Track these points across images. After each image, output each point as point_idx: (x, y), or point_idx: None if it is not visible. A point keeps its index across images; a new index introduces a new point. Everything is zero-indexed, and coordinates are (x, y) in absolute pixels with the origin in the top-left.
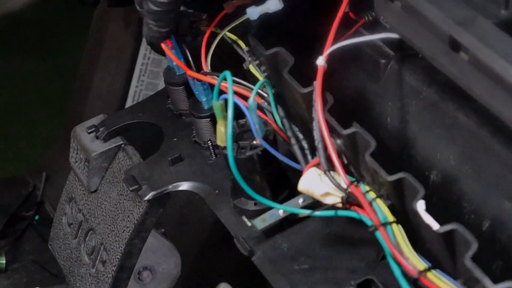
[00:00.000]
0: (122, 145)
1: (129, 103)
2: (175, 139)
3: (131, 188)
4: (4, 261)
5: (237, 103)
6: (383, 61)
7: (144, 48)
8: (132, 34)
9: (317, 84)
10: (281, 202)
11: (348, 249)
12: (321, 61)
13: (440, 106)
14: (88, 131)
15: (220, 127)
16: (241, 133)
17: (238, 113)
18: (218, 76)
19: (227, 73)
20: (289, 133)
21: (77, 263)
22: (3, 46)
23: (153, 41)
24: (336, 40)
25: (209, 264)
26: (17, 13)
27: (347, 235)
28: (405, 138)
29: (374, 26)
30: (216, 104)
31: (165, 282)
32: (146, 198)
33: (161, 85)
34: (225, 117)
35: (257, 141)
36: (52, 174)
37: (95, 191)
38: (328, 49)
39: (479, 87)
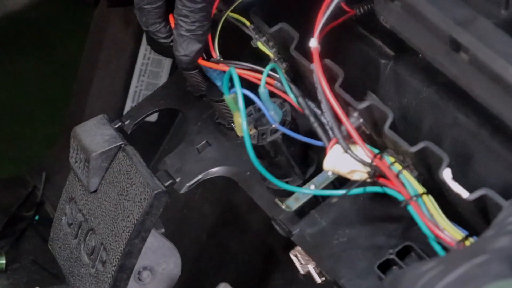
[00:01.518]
0: (122, 145)
1: (129, 103)
2: (199, 123)
3: (166, 184)
4: (4, 261)
5: (247, 94)
6: (383, 61)
7: (144, 48)
8: (132, 34)
9: (316, 66)
10: (310, 177)
11: (383, 216)
12: (314, 43)
13: (440, 106)
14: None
15: (237, 119)
16: (260, 117)
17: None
18: (229, 64)
19: (232, 70)
20: (307, 111)
21: (77, 263)
22: (3, 46)
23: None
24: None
25: (209, 264)
26: (17, 13)
27: (381, 203)
28: (404, 138)
29: (366, 19)
30: (228, 98)
31: (165, 282)
32: (182, 191)
33: None
34: (239, 109)
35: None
36: (52, 174)
37: (95, 191)
38: (318, 29)
39: (479, 87)
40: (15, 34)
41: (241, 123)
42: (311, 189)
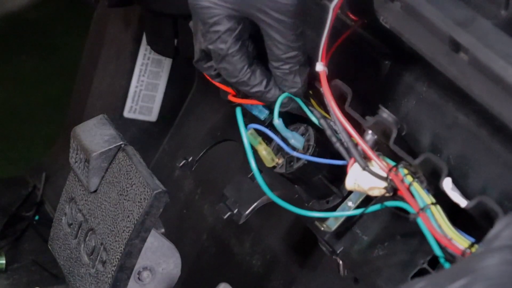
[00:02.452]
0: (122, 145)
1: (129, 103)
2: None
3: (225, 217)
4: (4, 261)
5: (261, 129)
6: (383, 61)
7: (144, 48)
8: (132, 34)
9: (325, 90)
10: (350, 192)
11: (415, 227)
12: (320, 67)
13: (440, 106)
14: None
15: (261, 152)
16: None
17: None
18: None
19: (237, 110)
20: (329, 132)
21: (77, 263)
22: (3, 46)
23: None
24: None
25: (209, 264)
26: (17, 13)
27: None
28: (412, 145)
29: (371, 27)
30: (247, 134)
31: (165, 282)
32: (241, 222)
33: (161, 85)
34: (260, 143)
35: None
36: (52, 174)
37: (95, 191)
38: (324, 54)
39: (479, 88)
40: (15, 34)
41: (266, 155)
42: (348, 205)
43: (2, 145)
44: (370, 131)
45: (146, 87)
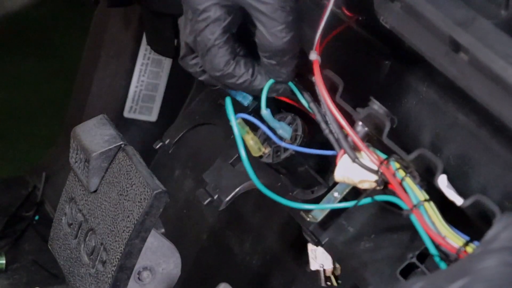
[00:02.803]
0: (122, 145)
1: (129, 103)
2: (232, 136)
3: (205, 202)
4: (4, 261)
5: (249, 119)
6: (383, 61)
7: (144, 48)
8: (132, 34)
9: (317, 79)
10: (335, 184)
11: (404, 221)
12: (313, 56)
13: (440, 106)
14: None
15: (248, 141)
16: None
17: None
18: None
19: (227, 100)
20: (318, 117)
21: (77, 263)
22: (3, 46)
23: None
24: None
25: (209, 264)
26: (17, 13)
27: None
28: (406, 141)
29: (368, 24)
30: (237, 124)
31: (165, 282)
32: (221, 208)
33: (161, 85)
34: (248, 132)
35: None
36: (52, 174)
37: (95, 191)
38: (319, 43)
39: (479, 88)
40: (15, 34)
41: (253, 145)
42: (334, 196)
43: (2, 145)
44: (360, 123)
45: (146, 87)
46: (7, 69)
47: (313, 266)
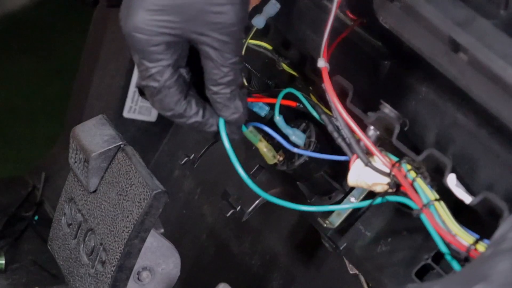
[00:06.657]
0: (122, 145)
1: (128, 103)
2: (253, 147)
3: (227, 214)
4: (3, 261)
5: (260, 126)
6: (383, 61)
7: None
8: None
9: (327, 86)
10: (352, 189)
11: (420, 223)
12: (322, 63)
13: (440, 106)
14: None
15: (261, 150)
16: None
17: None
18: (258, 94)
19: (220, 121)
20: (330, 128)
21: (77, 263)
22: (3, 46)
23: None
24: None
25: (208, 264)
26: (17, 13)
27: None
28: (415, 142)
29: (371, 27)
30: (247, 132)
31: (165, 282)
32: (244, 219)
33: None
34: (261, 140)
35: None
36: (52, 174)
37: (95, 191)
38: (326, 49)
39: (479, 88)
40: (15, 34)
41: (266, 153)
42: (351, 201)
43: (2, 145)
44: (372, 127)
45: None
46: (7, 69)
47: (351, 270)
